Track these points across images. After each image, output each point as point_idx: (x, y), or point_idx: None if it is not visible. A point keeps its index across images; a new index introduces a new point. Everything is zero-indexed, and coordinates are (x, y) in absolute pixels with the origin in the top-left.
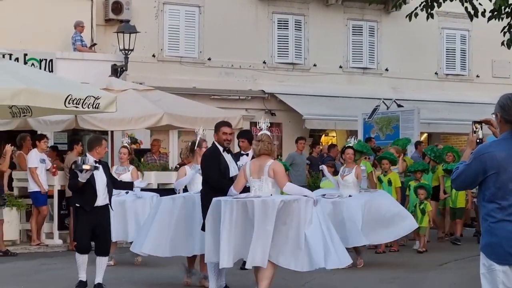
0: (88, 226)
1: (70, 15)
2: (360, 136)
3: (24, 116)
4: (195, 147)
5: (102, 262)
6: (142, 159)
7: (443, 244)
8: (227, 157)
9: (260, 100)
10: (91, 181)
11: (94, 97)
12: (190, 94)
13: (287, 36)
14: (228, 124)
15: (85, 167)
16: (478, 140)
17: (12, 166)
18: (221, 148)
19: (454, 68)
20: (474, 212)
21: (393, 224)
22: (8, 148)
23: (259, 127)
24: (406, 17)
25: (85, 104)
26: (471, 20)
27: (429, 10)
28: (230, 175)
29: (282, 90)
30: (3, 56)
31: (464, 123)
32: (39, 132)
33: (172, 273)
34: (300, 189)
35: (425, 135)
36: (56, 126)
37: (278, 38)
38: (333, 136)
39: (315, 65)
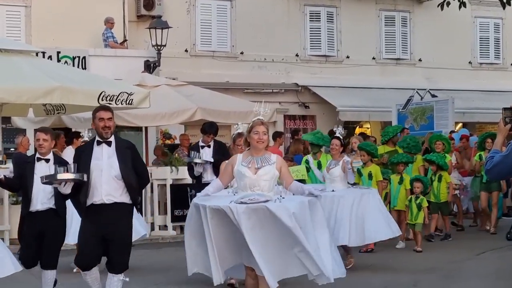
0: (29, 234)
1: (102, 12)
2: None
3: (58, 113)
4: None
5: (46, 277)
6: (176, 154)
7: (480, 233)
8: (105, 152)
9: (294, 93)
10: (26, 180)
11: (127, 93)
12: (223, 89)
13: (320, 28)
14: (104, 108)
15: None
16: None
17: None
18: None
19: (488, 57)
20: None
21: (371, 228)
22: None
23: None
24: (438, 6)
25: (118, 101)
26: (504, 8)
27: None
28: (92, 178)
29: (315, 82)
30: (37, 54)
31: (499, 112)
32: (73, 130)
33: None
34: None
35: (460, 124)
36: (90, 123)
37: (310, 31)
38: (367, 128)
39: (348, 56)
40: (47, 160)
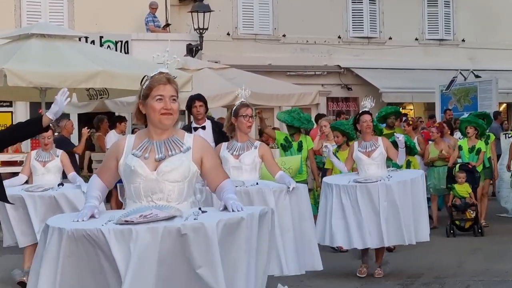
0: None
1: None
2: (438, 109)
3: (101, 98)
4: (231, 117)
5: None
6: None
7: None
8: None
9: (336, 75)
10: None
11: None
12: (265, 71)
13: (362, 9)
14: None
15: None
16: None
17: (91, 148)
18: None
19: None
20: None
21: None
22: (85, 131)
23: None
24: None
25: None
26: None
27: None
28: None
29: (358, 64)
30: (80, 39)
31: None
32: (116, 114)
33: None
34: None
35: (504, 105)
36: (133, 107)
37: (352, 12)
38: (411, 109)
39: (390, 38)
40: None
